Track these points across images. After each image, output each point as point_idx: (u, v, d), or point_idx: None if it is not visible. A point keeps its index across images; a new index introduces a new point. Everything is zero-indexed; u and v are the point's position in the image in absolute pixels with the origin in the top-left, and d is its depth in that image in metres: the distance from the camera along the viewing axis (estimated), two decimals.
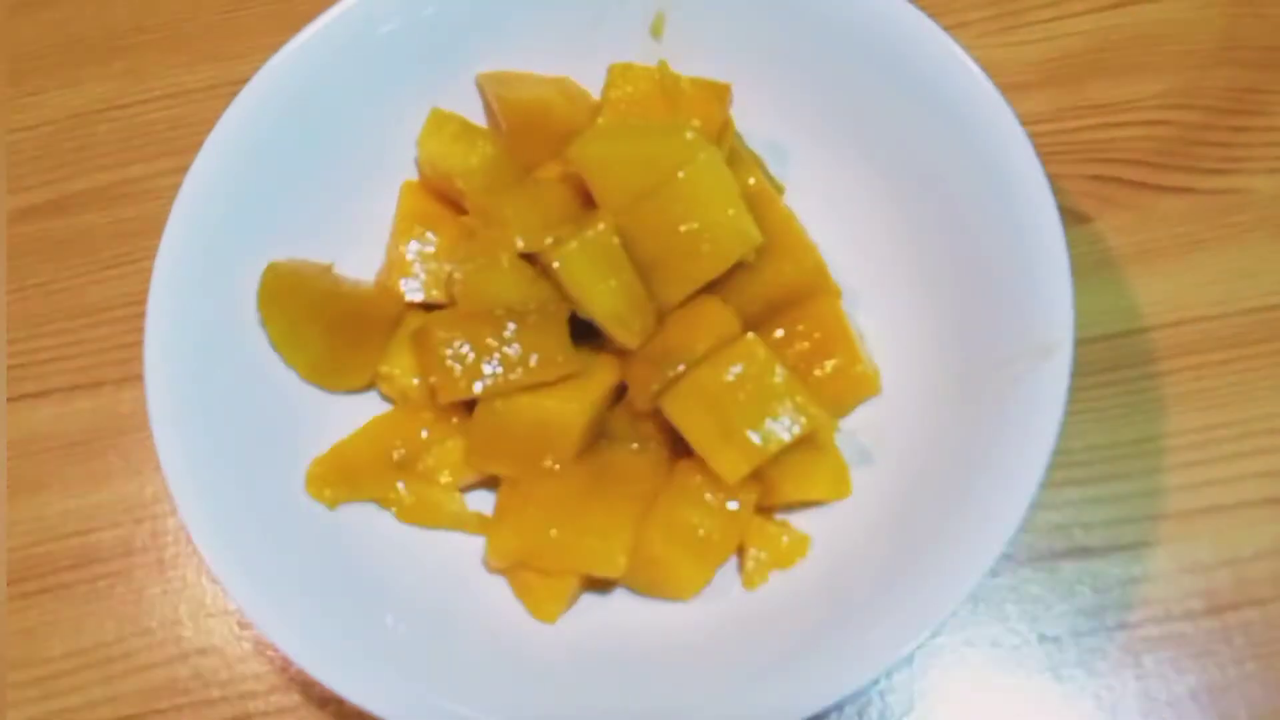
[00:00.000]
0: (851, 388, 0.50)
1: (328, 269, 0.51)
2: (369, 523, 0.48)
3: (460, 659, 0.44)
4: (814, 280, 0.50)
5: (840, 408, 0.50)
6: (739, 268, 0.48)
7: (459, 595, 0.47)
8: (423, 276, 0.52)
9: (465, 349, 0.46)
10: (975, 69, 0.48)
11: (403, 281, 0.51)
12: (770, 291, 0.49)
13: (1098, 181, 0.59)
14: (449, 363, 0.46)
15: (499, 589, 0.47)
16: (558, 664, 0.45)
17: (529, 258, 0.48)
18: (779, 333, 0.50)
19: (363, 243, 0.53)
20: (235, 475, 0.46)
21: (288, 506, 0.47)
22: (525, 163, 0.53)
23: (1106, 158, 0.60)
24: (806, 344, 0.50)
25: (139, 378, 0.46)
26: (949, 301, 0.49)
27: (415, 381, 0.50)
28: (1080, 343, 0.55)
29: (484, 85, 0.54)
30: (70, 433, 0.57)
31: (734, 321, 0.47)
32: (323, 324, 0.49)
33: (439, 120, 0.53)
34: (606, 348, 0.49)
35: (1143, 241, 0.58)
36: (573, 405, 0.46)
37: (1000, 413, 0.45)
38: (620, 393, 0.49)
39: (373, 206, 0.54)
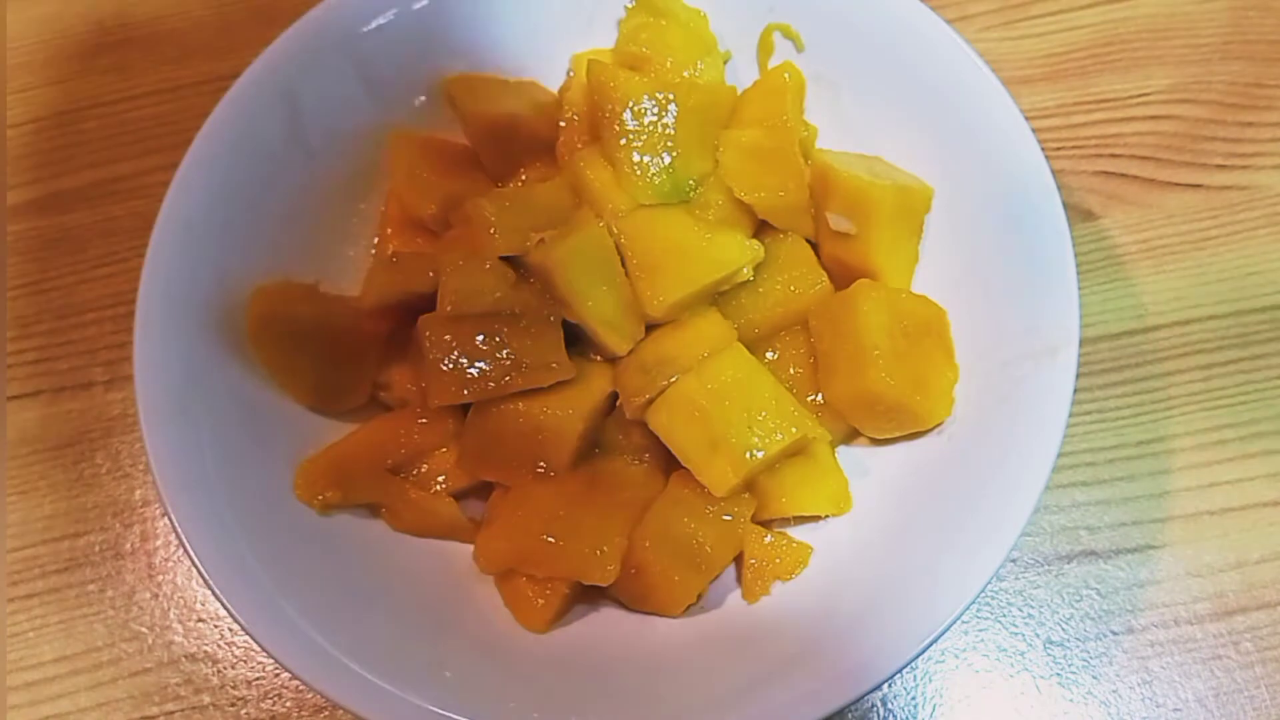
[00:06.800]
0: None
1: (314, 288, 0.50)
2: (362, 528, 0.48)
3: (452, 667, 0.43)
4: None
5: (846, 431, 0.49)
6: (743, 288, 0.48)
7: (452, 603, 0.46)
8: None
9: (457, 353, 0.45)
10: (979, 63, 0.47)
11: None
12: (777, 314, 0.48)
13: (1104, 177, 0.59)
14: (441, 367, 0.45)
15: (491, 597, 0.47)
16: (551, 674, 0.44)
17: (511, 261, 0.47)
18: (771, 355, 0.49)
19: (352, 238, 0.53)
20: (226, 478, 0.45)
21: (280, 510, 0.46)
22: (492, 174, 0.52)
23: (1113, 153, 0.59)
24: (807, 366, 0.48)
25: (128, 379, 0.46)
26: (952, 300, 0.48)
27: (413, 388, 0.49)
28: (1086, 342, 0.55)
29: (452, 93, 0.53)
30: (58, 434, 0.57)
31: (731, 334, 0.47)
32: (316, 350, 0.48)
33: (397, 146, 0.51)
34: (592, 355, 0.48)
35: (1150, 239, 0.57)
36: (569, 412, 0.46)
37: (1004, 414, 0.44)
38: (615, 402, 0.48)
39: (361, 204, 0.53)
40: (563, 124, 0.51)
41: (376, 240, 0.53)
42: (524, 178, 0.52)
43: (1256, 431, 0.53)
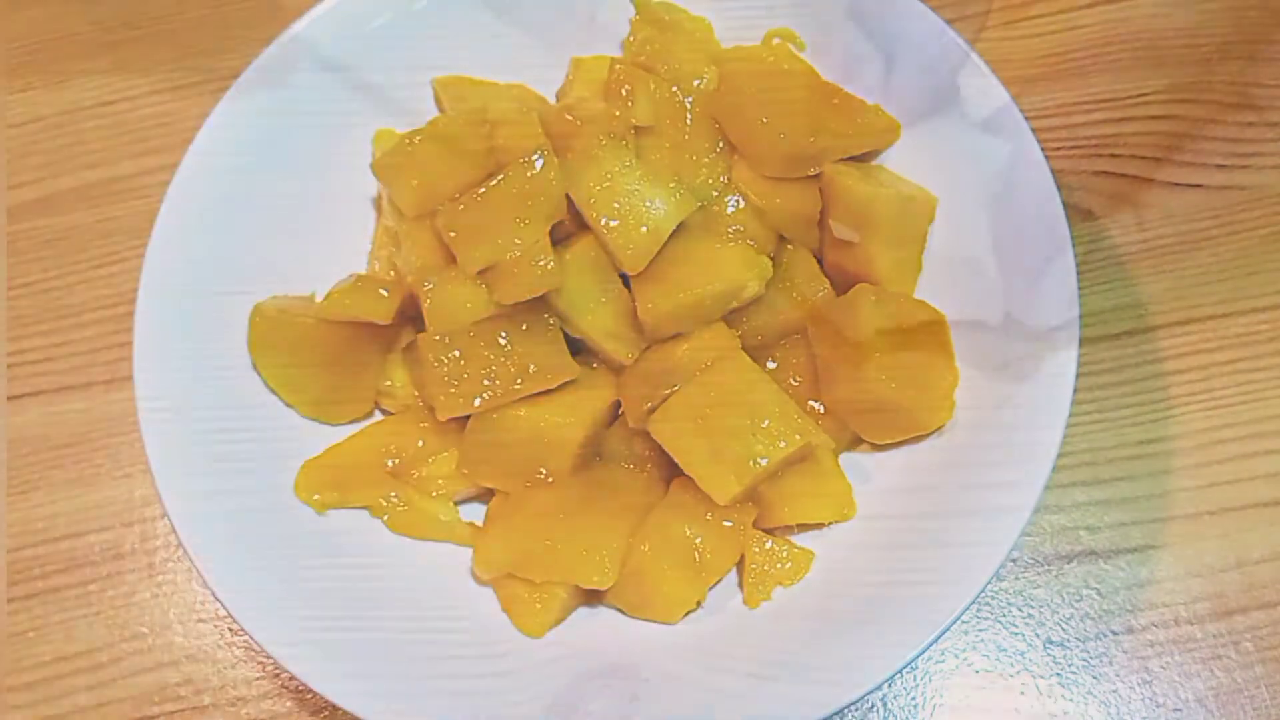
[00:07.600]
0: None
1: (311, 301, 0.50)
2: (362, 530, 0.48)
3: (450, 670, 0.43)
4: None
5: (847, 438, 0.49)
6: None
7: (450, 606, 0.46)
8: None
9: (461, 365, 0.45)
10: (980, 63, 0.47)
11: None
12: (779, 322, 0.48)
13: (1104, 177, 0.59)
14: (446, 380, 0.45)
15: (490, 601, 0.46)
16: (550, 676, 0.44)
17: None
18: (772, 365, 0.49)
19: (352, 237, 0.53)
20: (226, 479, 0.45)
21: (280, 510, 0.47)
22: (466, 182, 0.50)
23: (1113, 153, 0.59)
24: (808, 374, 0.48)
25: (128, 379, 0.46)
26: (951, 301, 0.48)
27: (415, 394, 0.49)
28: (1086, 342, 0.55)
29: (438, 93, 0.53)
30: (59, 435, 0.57)
31: (735, 343, 0.46)
32: (317, 363, 0.48)
33: (381, 143, 0.51)
34: (594, 364, 0.48)
35: (1149, 239, 0.57)
36: (570, 420, 0.45)
37: (1004, 415, 0.44)
38: (618, 411, 0.48)
39: (361, 206, 0.53)
40: (576, 121, 0.49)
41: (370, 249, 0.53)
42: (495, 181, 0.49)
43: (1256, 431, 0.53)
